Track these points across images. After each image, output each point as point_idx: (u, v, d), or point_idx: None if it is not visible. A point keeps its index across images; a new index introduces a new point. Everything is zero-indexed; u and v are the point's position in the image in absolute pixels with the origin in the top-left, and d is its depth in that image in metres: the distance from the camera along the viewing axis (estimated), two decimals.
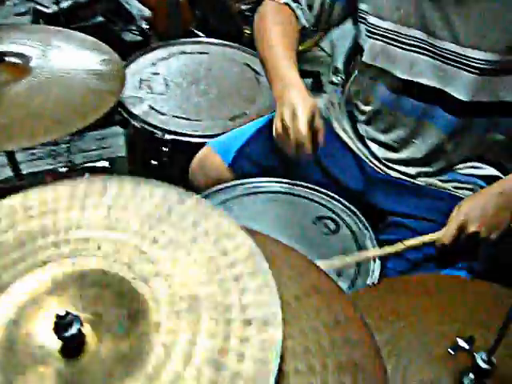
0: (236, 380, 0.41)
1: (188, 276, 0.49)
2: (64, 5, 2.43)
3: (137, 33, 2.72)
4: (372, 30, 1.19)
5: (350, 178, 1.26)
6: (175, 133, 1.49)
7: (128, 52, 1.72)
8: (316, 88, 2.98)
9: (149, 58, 1.77)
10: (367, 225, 1.14)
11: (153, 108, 1.57)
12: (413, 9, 1.11)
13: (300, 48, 2.98)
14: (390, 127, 1.24)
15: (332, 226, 1.15)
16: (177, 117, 1.55)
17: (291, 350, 0.50)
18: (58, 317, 0.43)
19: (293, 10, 1.26)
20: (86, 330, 0.44)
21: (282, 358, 0.42)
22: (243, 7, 2.80)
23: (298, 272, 0.56)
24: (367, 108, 1.27)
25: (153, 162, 1.54)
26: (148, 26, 2.83)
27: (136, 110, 1.55)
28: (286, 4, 1.27)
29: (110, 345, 0.44)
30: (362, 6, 1.21)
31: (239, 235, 0.52)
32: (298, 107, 1.04)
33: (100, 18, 2.53)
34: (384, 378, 0.52)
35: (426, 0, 1.09)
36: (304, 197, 1.20)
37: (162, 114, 1.56)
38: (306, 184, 1.21)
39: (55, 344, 0.44)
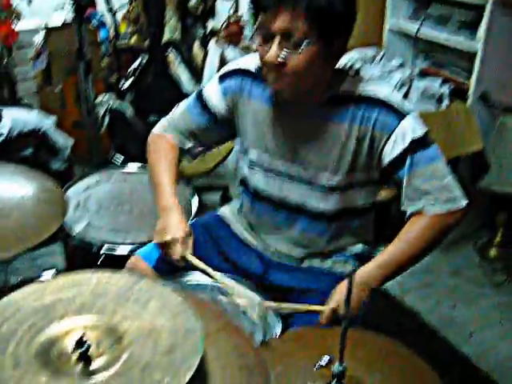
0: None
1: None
2: None
3: (62, 162, 3.07)
4: (249, 159, 1.58)
5: (251, 264, 1.61)
6: (110, 242, 1.83)
7: (56, 180, 2.04)
8: (225, 200, 3.40)
9: (83, 183, 2.14)
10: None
11: (89, 225, 1.91)
12: (276, 145, 1.51)
13: (209, 166, 3.43)
14: (273, 231, 1.62)
15: None
16: (109, 230, 1.90)
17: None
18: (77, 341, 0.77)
19: (175, 138, 1.65)
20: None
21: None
22: None
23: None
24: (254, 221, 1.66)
25: None
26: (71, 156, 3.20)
27: (76, 228, 1.88)
28: (170, 134, 1.66)
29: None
30: (240, 142, 1.61)
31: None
32: (175, 234, 1.47)
33: (30, 150, 2.88)
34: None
35: (286, 140, 1.50)
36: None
37: (97, 229, 1.90)
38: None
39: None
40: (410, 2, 3.04)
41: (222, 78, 1.59)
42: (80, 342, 0.77)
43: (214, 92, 1.59)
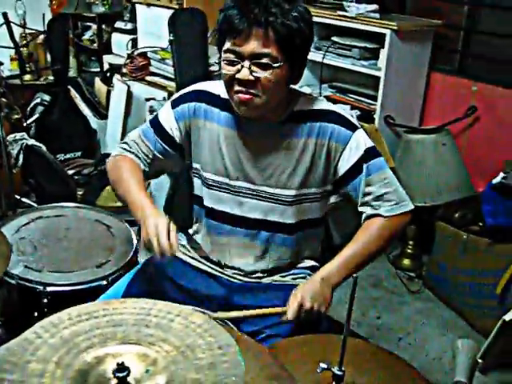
0: None
1: None
2: None
3: None
4: (206, 182, 1.63)
5: (211, 290, 1.62)
6: (53, 284, 1.76)
7: None
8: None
9: (11, 225, 2.03)
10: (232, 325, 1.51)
11: (28, 267, 1.83)
12: (234, 166, 1.57)
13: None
14: (231, 249, 1.65)
15: None
16: (51, 271, 1.82)
17: None
18: (117, 365, 0.76)
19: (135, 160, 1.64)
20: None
21: None
22: (70, 172, 3.16)
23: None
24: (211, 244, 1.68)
25: (35, 314, 1.77)
26: None
27: (13, 271, 1.79)
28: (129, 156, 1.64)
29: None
30: (196, 165, 1.65)
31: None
32: (158, 224, 1.42)
33: None
34: None
35: (244, 159, 1.57)
36: None
37: (37, 271, 1.82)
38: None
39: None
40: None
41: (175, 103, 1.62)
42: (119, 368, 0.76)
43: (167, 118, 1.62)
